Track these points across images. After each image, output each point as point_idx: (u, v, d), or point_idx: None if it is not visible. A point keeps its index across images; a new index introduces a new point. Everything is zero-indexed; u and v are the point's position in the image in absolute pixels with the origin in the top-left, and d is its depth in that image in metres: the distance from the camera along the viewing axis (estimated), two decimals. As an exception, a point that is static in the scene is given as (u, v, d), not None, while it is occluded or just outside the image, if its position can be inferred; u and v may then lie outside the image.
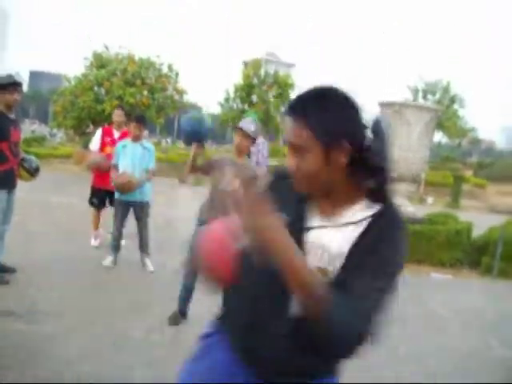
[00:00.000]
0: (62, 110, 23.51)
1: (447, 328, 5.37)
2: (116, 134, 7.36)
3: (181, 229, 7.98)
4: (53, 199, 11.31)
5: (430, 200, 21.17)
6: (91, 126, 23.98)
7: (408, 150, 8.94)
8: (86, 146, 23.15)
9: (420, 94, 43.18)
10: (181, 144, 46.49)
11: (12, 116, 5.43)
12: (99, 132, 7.55)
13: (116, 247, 6.48)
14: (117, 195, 6.41)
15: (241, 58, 39.99)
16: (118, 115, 7.46)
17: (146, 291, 5.67)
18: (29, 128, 61.90)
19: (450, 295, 6.79)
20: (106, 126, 8.05)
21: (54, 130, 47.37)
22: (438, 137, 44.27)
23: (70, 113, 22.92)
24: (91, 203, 7.44)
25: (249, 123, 4.50)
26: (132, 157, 6.30)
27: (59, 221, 9.06)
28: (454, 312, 5.93)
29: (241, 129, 4.43)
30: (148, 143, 6.64)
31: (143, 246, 6.49)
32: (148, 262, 6.45)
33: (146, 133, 10.23)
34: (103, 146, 7.28)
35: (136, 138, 6.37)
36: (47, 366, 3.66)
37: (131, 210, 6.46)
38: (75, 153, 23.04)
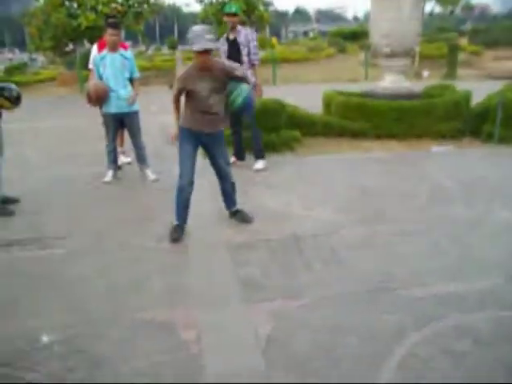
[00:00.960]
0: (37, 32, 22.54)
1: (452, 198, 5.38)
2: None
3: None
4: (43, 124, 11.12)
5: (426, 73, 20.68)
6: (70, 45, 23.10)
7: (399, 23, 8.57)
8: (69, 66, 22.48)
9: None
10: (165, 49, 45.08)
11: None
12: (95, 48, 7.13)
13: (113, 161, 6.42)
14: (105, 109, 6.24)
15: None
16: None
17: (151, 201, 5.69)
18: (6, 57, 59.96)
19: (453, 166, 6.76)
20: (99, 40, 7.36)
21: (34, 55, 45.77)
22: (430, 7, 42.48)
23: (45, 33, 21.98)
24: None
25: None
26: (112, 67, 6.08)
27: (54, 145, 8.95)
28: (458, 182, 5.92)
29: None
30: (127, 51, 6.37)
31: (140, 158, 6.43)
32: (148, 172, 6.41)
33: (129, 43, 9.79)
34: None
35: (113, 47, 6.10)
36: (63, 286, 3.73)
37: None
38: (59, 74, 22.38)
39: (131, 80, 6.26)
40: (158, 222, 4.91)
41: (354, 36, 36.94)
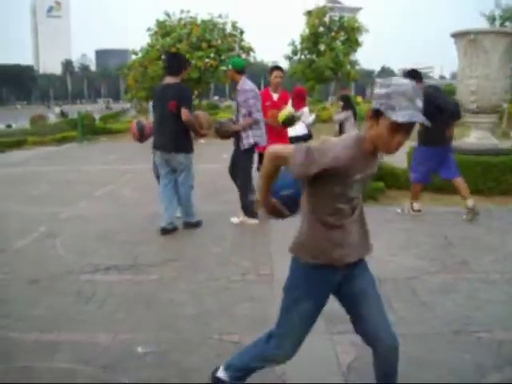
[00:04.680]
0: (134, 83, 24.22)
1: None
2: (274, 97, 7.15)
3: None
4: (139, 167, 11.83)
5: (514, 133, 20.19)
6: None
7: (487, 79, 8.62)
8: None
9: (497, 22, 40.64)
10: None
11: None
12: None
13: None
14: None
15: (302, 7, 38.84)
16: (277, 76, 7.18)
17: (236, 238, 5.98)
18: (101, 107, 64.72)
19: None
20: (263, 89, 7.56)
21: (128, 105, 48.93)
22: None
23: (141, 84, 23.55)
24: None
25: None
26: None
27: (145, 185, 9.51)
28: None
29: None
30: None
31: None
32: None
33: (216, 98, 10.37)
34: (264, 110, 6.84)
35: None
36: (156, 307, 4.03)
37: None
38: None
39: None
40: (243, 256, 5.19)
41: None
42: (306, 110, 8.51)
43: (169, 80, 6.14)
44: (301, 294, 2.41)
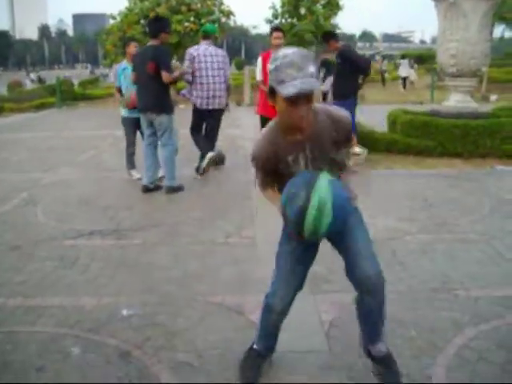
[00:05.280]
0: (113, 48, 23.76)
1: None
2: None
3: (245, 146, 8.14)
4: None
5: (493, 97, 20.31)
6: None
7: (467, 43, 8.63)
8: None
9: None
10: (233, 69, 46.10)
11: None
12: (260, 61, 7.17)
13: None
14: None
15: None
16: (276, 37, 6.97)
17: (219, 201, 5.99)
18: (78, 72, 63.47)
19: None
20: (264, 52, 7.38)
21: (107, 71, 48.10)
22: (500, 30, 41.25)
23: (120, 49, 23.10)
24: None
25: None
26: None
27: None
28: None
29: None
30: None
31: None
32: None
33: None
34: (266, 74, 7.00)
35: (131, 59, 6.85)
36: (139, 271, 4.07)
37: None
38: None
39: None
40: (226, 220, 5.22)
41: (420, 59, 36.70)
42: None
43: (150, 43, 6.30)
44: (283, 239, 2.59)
